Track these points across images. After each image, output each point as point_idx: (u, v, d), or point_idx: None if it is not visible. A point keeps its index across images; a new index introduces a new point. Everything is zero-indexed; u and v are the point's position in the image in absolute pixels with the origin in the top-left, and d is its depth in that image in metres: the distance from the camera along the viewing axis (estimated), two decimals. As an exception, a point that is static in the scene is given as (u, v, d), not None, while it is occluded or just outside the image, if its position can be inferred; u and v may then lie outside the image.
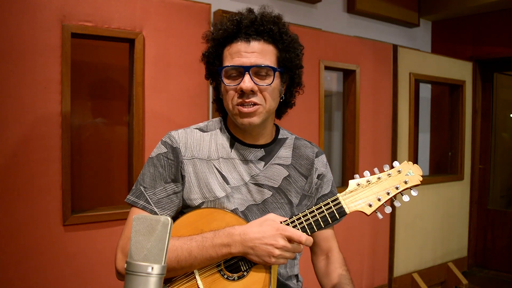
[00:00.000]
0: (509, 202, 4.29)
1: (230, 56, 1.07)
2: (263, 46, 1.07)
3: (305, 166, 1.20)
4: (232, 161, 1.13)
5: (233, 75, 1.07)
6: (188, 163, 1.10)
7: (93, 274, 1.90)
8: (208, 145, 1.14)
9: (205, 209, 1.07)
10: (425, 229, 3.42)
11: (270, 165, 1.15)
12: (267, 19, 1.08)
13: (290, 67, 1.14)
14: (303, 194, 1.18)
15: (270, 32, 1.08)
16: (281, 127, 1.26)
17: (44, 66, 1.78)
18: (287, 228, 0.97)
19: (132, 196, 1.09)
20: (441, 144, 4.00)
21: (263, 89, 1.06)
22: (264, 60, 1.06)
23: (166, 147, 1.11)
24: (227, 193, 1.09)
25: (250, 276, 1.00)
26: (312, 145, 1.26)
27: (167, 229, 0.70)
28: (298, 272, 1.21)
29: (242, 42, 1.06)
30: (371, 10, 3.50)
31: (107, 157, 2.27)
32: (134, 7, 1.98)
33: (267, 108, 1.09)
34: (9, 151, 1.72)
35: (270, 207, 1.12)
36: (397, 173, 1.02)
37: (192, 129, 1.16)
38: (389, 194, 1.01)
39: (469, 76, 3.77)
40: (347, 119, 2.98)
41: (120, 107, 2.27)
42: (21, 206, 1.74)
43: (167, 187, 1.08)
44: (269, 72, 1.07)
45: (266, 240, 0.95)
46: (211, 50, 1.12)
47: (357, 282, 3.03)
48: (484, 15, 3.88)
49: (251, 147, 1.15)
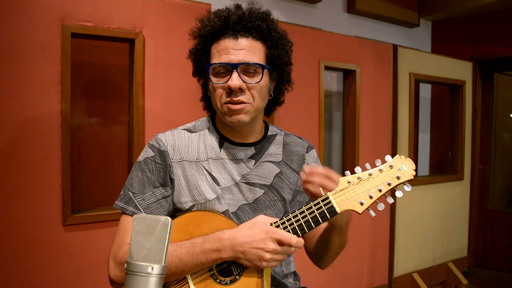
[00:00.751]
0: (509, 202, 4.29)
1: (218, 53, 1.05)
2: (251, 43, 1.05)
3: (296, 161, 1.19)
4: (221, 161, 1.11)
5: (221, 72, 1.05)
6: (177, 166, 1.08)
7: (93, 274, 1.90)
8: (196, 146, 1.12)
9: (195, 213, 1.06)
10: (425, 229, 3.42)
11: (260, 163, 1.14)
12: (255, 15, 1.06)
13: (279, 64, 1.11)
14: (295, 190, 1.17)
15: (258, 29, 1.05)
16: (270, 124, 1.24)
17: (44, 66, 1.78)
18: (277, 230, 0.94)
19: (121, 202, 1.06)
20: (441, 144, 4.01)
21: (252, 87, 1.05)
22: (252, 57, 1.04)
23: (154, 151, 1.08)
24: (217, 195, 1.07)
25: (242, 279, 0.99)
26: (302, 140, 1.25)
27: (167, 229, 0.70)
28: (295, 269, 1.20)
29: (230, 39, 1.04)
30: (371, 10, 3.50)
31: (107, 157, 2.27)
32: (134, 7, 1.98)
33: (255, 106, 1.07)
34: (9, 151, 1.72)
35: (262, 205, 1.11)
36: (389, 168, 0.98)
37: (179, 130, 1.14)
38: (381, 191, 0.97)
39: (469, 76, 3.77)
40: (347, 119, 2.98)
41: (120, 107, 2.27)
42: (21, 206, 1.74)
43: (156, 192, 1.06)
44: (258, 70, 1.05)
45: (256, 244, 0.93)
46: (198, 47, 1.10)
47: (357, 282, 3.03)
48: (484, 15, 3.88)
49: (241, 146, 1.13)
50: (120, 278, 1.02)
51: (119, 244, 1.04)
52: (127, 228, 1.04)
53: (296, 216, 0.98)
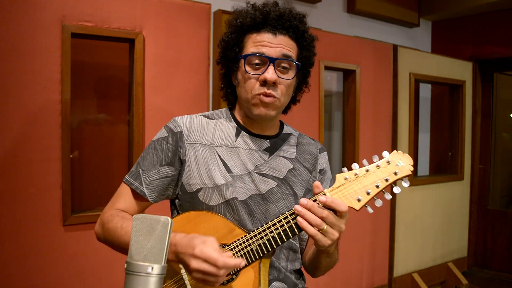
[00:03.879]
0: (509, 202, 4.29)
1: (254, 45, 1.07)
2: (288, 41, 1.08)
3: (309, 161, 1.20)
4: (236, 150, 1.12)
5: (255, 63, 1.07)
6: (189, 147, 1.10)
7: (93, 274, 1.90)
8: (212, 131, 1.14)
9: (192, 212, 1.06)
10: (425, 229, 3.42)
11: (275, 157, 1.15)
12: (294, 16, 1.10)
13: (307, 65, 1.16)
14: (307, 188, 1.17)
15: (295, 29, 1.09)
16: (285, 123, 1.26)
17: (44, 66, 1.78)
18: (205, 251, 0.87)
19: (131, 178, 1.12)
20: (441, 144, 4.00)
21: (283, 83, 1.07)
22: (290, 54, 1.07)
23: (168, 131, 1.12)
24: (227, 181, 1.08)
25: (239, 279, 0.99)
26: (315, 142, 1.27)
27: (167, 229, 0.70)
28: (300, 268, 1.20)
29: (269, 33, 1.07)
30: (371, 10, 3.50)
31: (107, 157, 2.26)
32: (134, 7, 1.98)
33: (282, 102, 1.10)
34: (9, 151, 1.72)
35: (274, 197, 1.11)
36: (387, 164, 0.96)
37: (197, 115, 1.17)
38: (379, 187, 0.95)
39: (469, 76, 3.77)
40: (347, 119, 2.98)
41: (120, 107, 2.27)
42: (21, 206, 1.74)
43: (161, 170, 1.10)
44: (292, 67, 1.09)
45: (185, 257, 0.89)
46: (232, 36, 1.11)
47: (357, 282, 3.03)
48: (484, 15, 3.88)
49: (257, 137, 1.15)
50: (100, 234, 1.12)
51: (110, 206, 1.13)
52: (122, 194, 1.13)
53: (292, 214, 0.96)
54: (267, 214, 1.09)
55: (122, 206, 1.12)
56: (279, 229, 0.97)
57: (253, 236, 0.99)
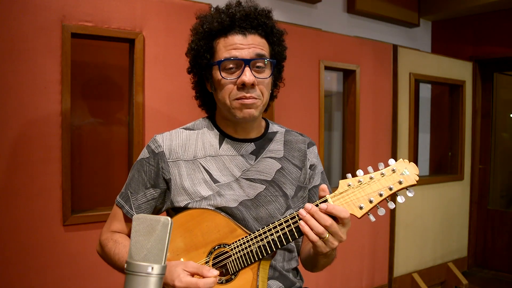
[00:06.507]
0: (509, 202, 4.29)
1: (226, 49, 1.05)
2: (258, 40, 1.07)
3: (298, 157, 1.19)
4: (221, 158, 1.12)
5: (230, 68, 1.05)
6: (173, 165, 1.10)
7: (93, 274, 1.90)
8: (194, 144, 1.13)
9: (196, 210, 1.06)
10: (425, 229, 3.42)
11: (261, 159, 1.14)
12: (260, 13, 1.08)
13: (280, 60, 1.15)
14: (298, 186, 1.17)
15: (264, 26, 1.08)
16: (270, 121, 1.25)
17: (44, 66, 1.78)
18: (185, 280, 0.90)
19: (122, 200, 1.15)
20: (441, 144, 4.00)
21: (261, 83, 1.07)
22: (262, 53, 1.06)
23: (149, 152, 1.12)
24: (214, 192, 1.08)
25: (238, 279, 1.00)
26: (303, 137, 1.25)
27: (167, 229, 0.70)
28: (296, 266, 1.20)
29: (238, 35, 1.05)
30: (371, 10, 3.50)
31: (107, 157, 2.26)
32: (134, 7, 1.98)
33: (264, 101, 1.09)
34: (9, 151, 1.72)
35: (263, 201, 1.10)
36: (391, 172, 0.94)
37: (178, 130, 1.16)
38: (382, 195, 0.93)
39: (469, 76, 3.77)
40: (347, 119, 2.98)
41: (120, 107, 2.27)
42: (21, 206, 1.74)
43: (147, 193, 1.12)
44: (267, 65, 1.08)
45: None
46: (201, 43, 1.09)
47: (357, 282, 3.03)
48: (484, 15, 3.88)
49: (242, 142, 1.14)
50: (100, 254, 1.18)
51: (106, 227, 1.18)
52: (115, 216, 1.17)
53: (294, 218, 0.96)
54: (258, 218, 1.09)
55: (116, 228, 1.16)
56: (279, 232, 0.97)
57: (253, 237, 0.99)
